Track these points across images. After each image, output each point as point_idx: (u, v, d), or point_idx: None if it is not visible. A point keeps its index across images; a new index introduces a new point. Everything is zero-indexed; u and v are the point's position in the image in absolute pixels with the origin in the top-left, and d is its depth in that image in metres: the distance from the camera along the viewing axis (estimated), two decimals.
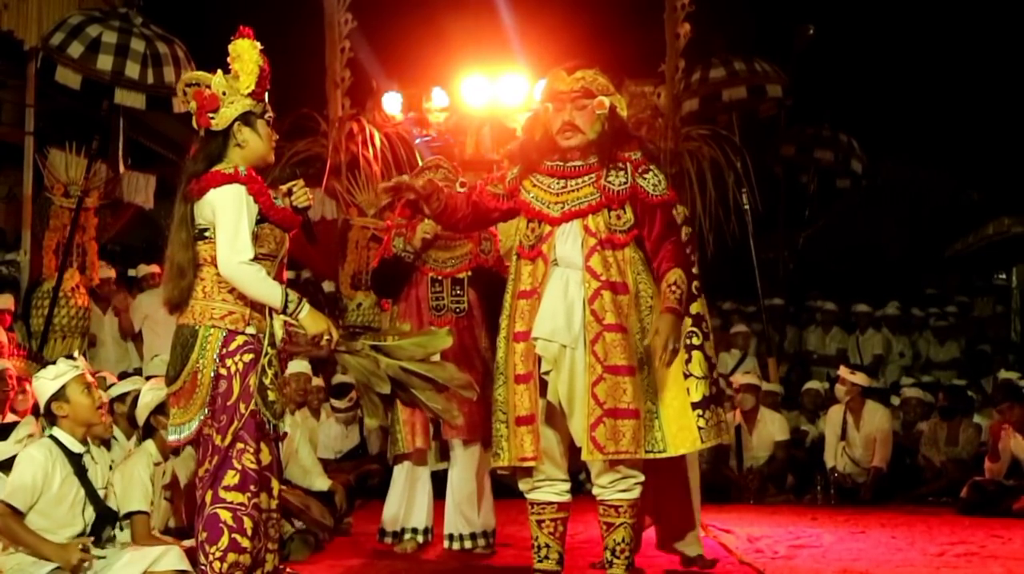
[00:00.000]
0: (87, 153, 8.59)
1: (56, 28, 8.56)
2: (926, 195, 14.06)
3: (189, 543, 4.70)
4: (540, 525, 4.48)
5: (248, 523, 3.92)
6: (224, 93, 4.00)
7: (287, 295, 4.00)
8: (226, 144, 4.04)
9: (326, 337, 4.05)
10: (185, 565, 4.41)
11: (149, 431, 5.17)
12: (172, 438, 4.10)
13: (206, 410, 3.96)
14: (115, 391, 5.84)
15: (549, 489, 4.47)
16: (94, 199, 8.73)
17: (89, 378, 4.65)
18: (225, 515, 3.89)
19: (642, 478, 4.40)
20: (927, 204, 14.10)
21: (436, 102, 10.58)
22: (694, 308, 4.64)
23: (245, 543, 3.91)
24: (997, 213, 12.97)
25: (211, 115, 4.00)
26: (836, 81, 12.37)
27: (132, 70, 8.46)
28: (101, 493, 4.64)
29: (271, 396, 4.03)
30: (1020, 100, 12.10)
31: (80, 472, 4.56)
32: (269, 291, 3.98)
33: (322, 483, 6.76)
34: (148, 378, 5.91)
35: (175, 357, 4.02)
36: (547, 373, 4.33)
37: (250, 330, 4.01)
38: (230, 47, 4.06)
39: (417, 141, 10.43)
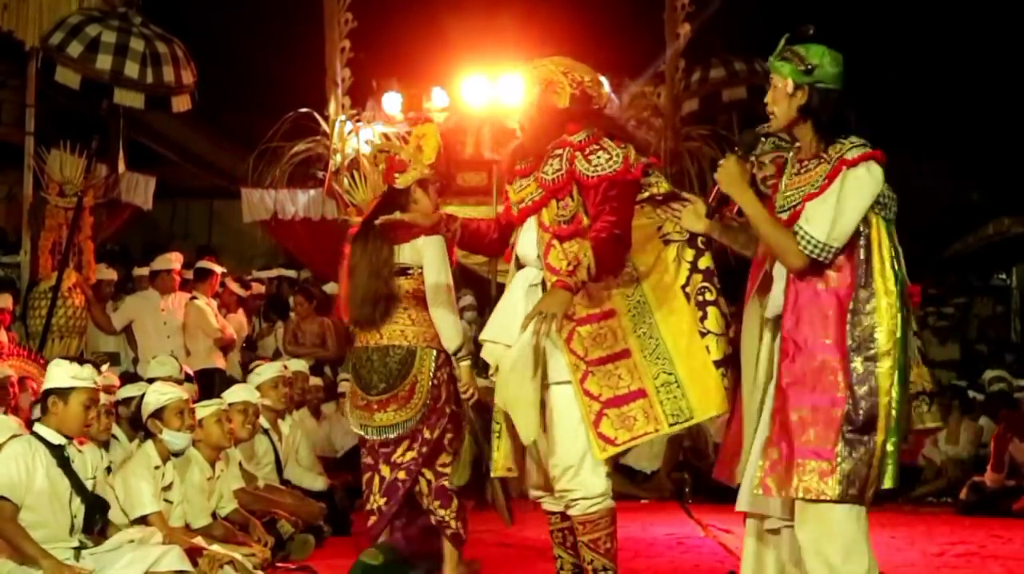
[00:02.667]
0: (88, 153, 8.58)
1: (55, 28, 8.55)
2: (926, 195, 14.02)
3: (199, 540, 4.80)
4: (552, 535, 4.24)
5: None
6: (408, 160, 4.87)
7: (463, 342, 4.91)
8: (407, 200, 4.77)
9: (472, 390, 4.86)
10: (186, 565, 4.41)
11: (148, 433, 5.16)
12: (384, 436, 4.86)
13: (424, 411, 4.84)
14: (121, 394, 5.84)
15: (549, 498, 4.17)
16: (89, 198, 8.70)
17: (95, 397, 4.61)
18: (448, 483, 4.94)
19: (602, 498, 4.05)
20: (927, 204, 14.06)
21: (436, 102, 10.58)
22: (703, 263, 4.23)
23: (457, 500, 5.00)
24: (997, 213, 12.97)
25: (397, 175, 4.87)
26: None
27: (131, 70, 8.47)
28: (89, 483, 4.57)
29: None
30: (1021, 100, 12.08)
31: (63, 463, 4.48)
32: (458, 331, 4.89)
33: (321, 483, 6.77)
34: (150, 380, 5.89)
35: (387, 371, 4.84)
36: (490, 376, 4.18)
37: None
38: (416, 128, 5.02)
39: None
